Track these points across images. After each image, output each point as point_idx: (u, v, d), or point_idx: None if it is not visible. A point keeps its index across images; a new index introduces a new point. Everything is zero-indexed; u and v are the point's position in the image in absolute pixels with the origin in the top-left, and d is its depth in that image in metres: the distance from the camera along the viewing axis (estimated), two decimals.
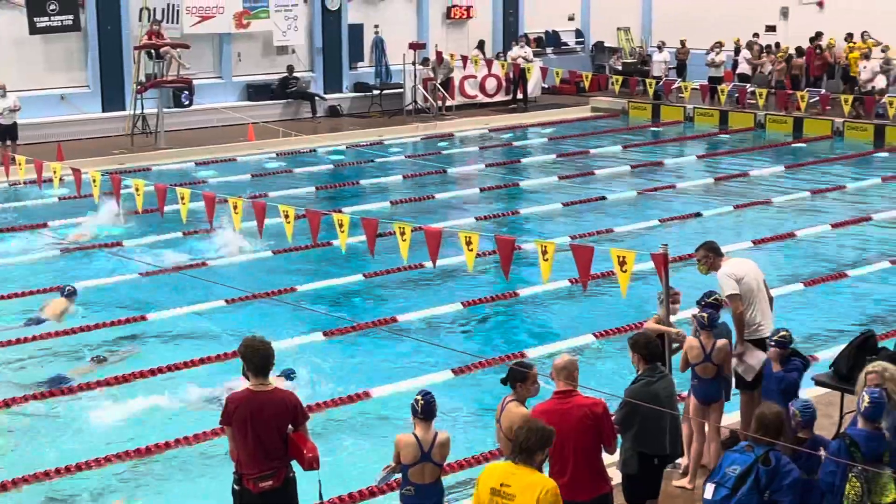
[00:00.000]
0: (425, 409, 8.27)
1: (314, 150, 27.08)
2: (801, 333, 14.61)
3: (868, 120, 29.25)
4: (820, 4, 34.15)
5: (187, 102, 28.77)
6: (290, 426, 8.10)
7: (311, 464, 8.07)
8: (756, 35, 33.72)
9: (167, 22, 28.35)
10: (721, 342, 10.09)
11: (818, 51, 32.25)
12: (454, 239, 12.56)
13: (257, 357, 8.04)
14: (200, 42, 29.03)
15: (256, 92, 30.49)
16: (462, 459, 10.88)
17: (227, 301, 15.47)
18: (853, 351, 10.52)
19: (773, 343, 9.82)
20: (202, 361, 13.48)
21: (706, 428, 10.26)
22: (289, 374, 12.89)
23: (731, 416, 10.92)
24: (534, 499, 6.75)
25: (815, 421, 8.25)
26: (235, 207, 13.59)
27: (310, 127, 29.25)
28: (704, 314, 10.07)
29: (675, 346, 10.35)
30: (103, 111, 28.17)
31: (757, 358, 10.31)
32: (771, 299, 10.95)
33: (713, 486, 7.71)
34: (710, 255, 10.78)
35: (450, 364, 13.22)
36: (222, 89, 30.09)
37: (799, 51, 32.56)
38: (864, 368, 8.54)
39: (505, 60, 32.88)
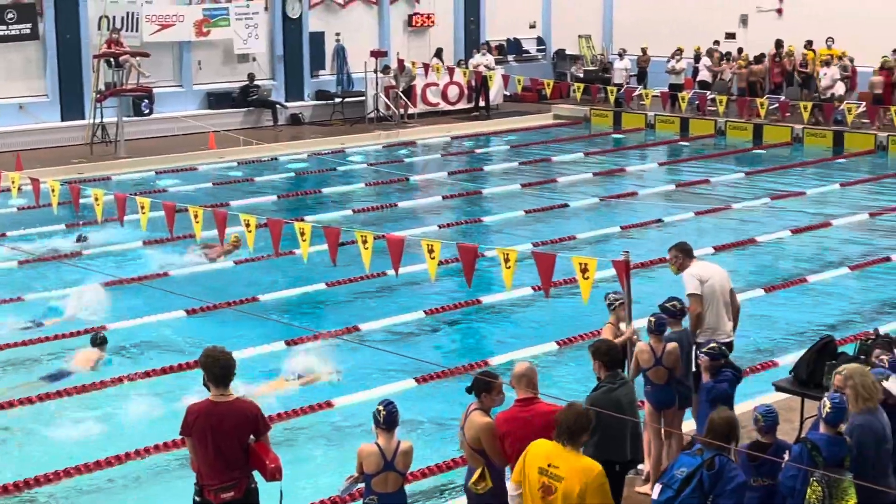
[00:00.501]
0: (387, 418, 8.25)
1: (276, 159, 26.99)
2: (762, 338, 14.75)
3: (827, 127, 29.49)
4: (779, 12, 34.40)
5: (147, 111, 28.61)
6: (251, 436, 8.06)
7: (274, 475, 8.03)
8: (716, 42, 33.91)
9: (126, 30, 28.18)
10: (671, 345, 10.13)
11: (777, 58, 32.44)
12: (417, 247, 12.53)
13: (217, 367, 8.00)
14: (160, 50, 28.87)
15: (217, 100, 30.35)
16: (426, 468, 10.85)
17: (187, 311, 15.37)
18: (813, 356, 10.59)
19: (702, 353, 9.84)
20: (163, 371, 13.38)
21: (663, 433, 10.29)
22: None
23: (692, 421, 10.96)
24: (581, 483, 7.10)
25: (777, 426, 8.30)
26: (196, 216, 13.49)
27: (271, 135, 29.16)
28: (652, 318, 10.11)
29: (634, 349, 10.39)
30: (62, 120, 27.97)
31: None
32: (737, 309, 11.03)
33: (660, 486, 7.83)
34: (680, 256, 10.93)
35: (413, 373, 13.18)
36: (183, 97, 29.95)
37: (758, 58, 32.75)
38: (833, 372, 8.59)
39: (467, 68, 32.90)
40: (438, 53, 33.75)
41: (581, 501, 7.07)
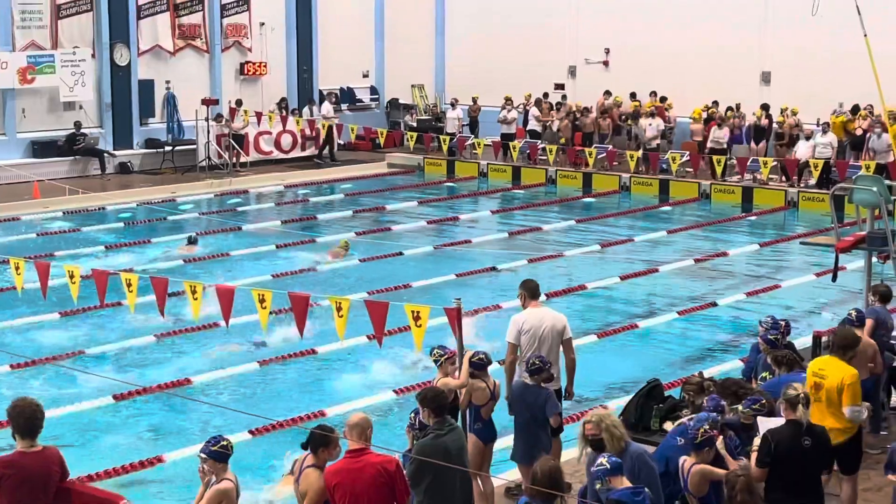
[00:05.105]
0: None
1: (103, 208, 26.35)
2: (594, 383, 14.95)
3: (653, 175, 30.31)
4: (605, 64, 35.33)
5: None
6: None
7: None
8: (546, 94, 34.59)
9: None
10: (496, 381, 10.37)
11: (604, 111, 33.23)
12: (248, 297, 12.34)
13: (22, 419, 8.02)
14: None
15: (42, 149, 29.53)
16: None
17: (11, 367, 14.80)
18: (641, 400, 10.82)
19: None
20: None
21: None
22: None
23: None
24: (840, 380, 9.92)
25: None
26: (17, 268, 13.03)
27: (99, 184, 28.52)
28: (482, 355, 10.23)
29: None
30: None
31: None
32: (570, 360, 11.13)
33: None
34: (525, 295, 11.10)
35: (247, 425, 12.94)
36: (6, 146, 29.07)
37: (586, 109, 33.52)
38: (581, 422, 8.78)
39: (300, 117, 32.80)
40: (282, 103, 33.50)
41: (839, 393, 9.87)
